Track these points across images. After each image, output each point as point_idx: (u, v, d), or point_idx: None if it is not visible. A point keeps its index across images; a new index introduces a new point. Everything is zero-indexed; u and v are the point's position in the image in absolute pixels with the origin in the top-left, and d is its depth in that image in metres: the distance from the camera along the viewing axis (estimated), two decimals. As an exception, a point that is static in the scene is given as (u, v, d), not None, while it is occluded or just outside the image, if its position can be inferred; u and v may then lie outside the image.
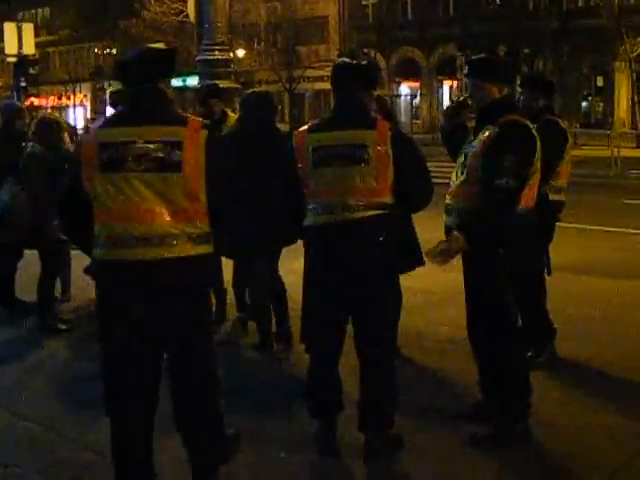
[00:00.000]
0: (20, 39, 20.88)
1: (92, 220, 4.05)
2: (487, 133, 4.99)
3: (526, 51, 40.81)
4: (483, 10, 45.13)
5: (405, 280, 5.40)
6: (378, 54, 49.96)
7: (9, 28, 21.08)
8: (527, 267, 5.41)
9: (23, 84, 21.89)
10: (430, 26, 47.61)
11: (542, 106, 6.57)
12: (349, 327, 5.05)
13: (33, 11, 68.84)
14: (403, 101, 53.65)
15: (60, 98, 68.80)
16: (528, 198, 5.05)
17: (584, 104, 45.85)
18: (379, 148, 4.72)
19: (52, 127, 7.95)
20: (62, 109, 67.19)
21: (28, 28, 21.60)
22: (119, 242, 3.96)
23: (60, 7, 66.73)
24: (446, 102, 51.89)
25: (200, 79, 13.51)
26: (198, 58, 13.28)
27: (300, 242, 5.29)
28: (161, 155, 3.93)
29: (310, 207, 4.88)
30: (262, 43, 53.97)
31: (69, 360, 7.24)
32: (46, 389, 6.45)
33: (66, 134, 9.05)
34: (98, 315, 4.24)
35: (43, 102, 68.30)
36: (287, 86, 52.02)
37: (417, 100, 53.04)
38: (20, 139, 8.05)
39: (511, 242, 5.02)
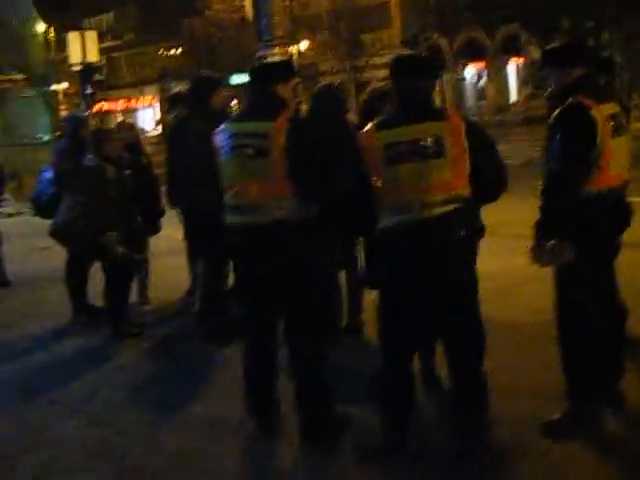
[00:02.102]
0: (84, 47, 21.20)
1: None
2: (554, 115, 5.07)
3: (590, 25, 39.95)
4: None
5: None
6: (441, 37, 49.56)
7: (73, 37, 21.38)
8: (602, 249, 5.29)
9: (89, 91, 22.21)
10: (492, 5, 46.95)
11: (603, 84, 6.44)
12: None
13: (97, 17, 69.58)
14: (468, 83, 53.19)
15: (129, 101, 69.55)
16: (603, 179, 4.98)
17: (654, 76, 44.80)
18: (455, 140, 4.62)
19: (106, 137, 7.98)
20: (131, 112, 67.92)
21: (91, 36, 21.92)
22: (234, 210, 5.22)
23: (123, 12, 67.33)
24: (512, 81, 51.36)
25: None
26: (258, 54, 13.29)
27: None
28: (255, 143, 5.06)
29: (383, 208, 4.72)
30: (325, 33, 53.82)
31: (143, 364, 7.34)
32: (120, 394, 6.53)
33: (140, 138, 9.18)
34: None
35: (112, 106, 69.18)
36: (352, 75, 51.87)
37: (483, 81, 52.48)
38: (82, 150, 8.08)
39: (589, 227, 5.00)
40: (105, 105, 66.28)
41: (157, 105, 67.73)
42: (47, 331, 8.49)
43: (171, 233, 9.07)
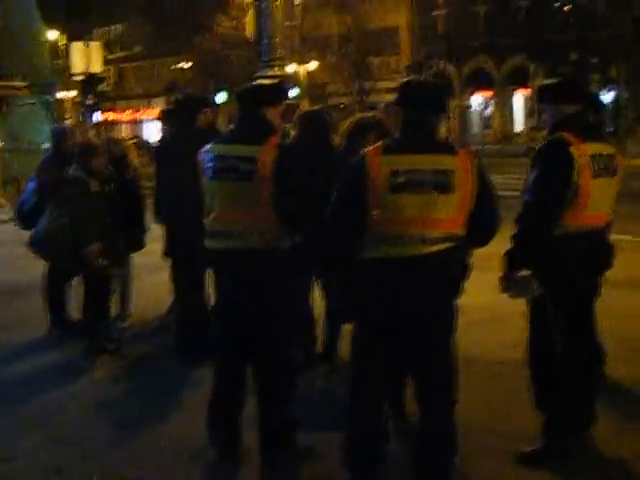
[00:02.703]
0: (88, 57, 21.16)
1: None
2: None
3: (594, 60, 40.02)
4: (554, 18, 44.45)
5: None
6: (449, 65, 49.69)
7: (77, 47, 21.37)
8: (576, 289, 5.20)
9: (90, 102, 22.14)
10: (501, 35, 47.12)
11: (593, 123, 6.38)
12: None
13: (107, 28, 69.81)
14: (474, 112, 53.27)
15: (136, 113, 69.65)
16: (579, 218, 4.95)
17: (661, 113, 44.90)
18: (465, 176, 4.34)
19: (92, 152, 7.90)
20: (137, 124, 68.05)
21: (96, 46, 21.91)
22: (214, 235, 5.13)
23: (134, 23, 67.51)
24: (519, 111, 51.43)
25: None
26: (257, 74, 13.25)
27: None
28: (240, 167, 4.98)
29: (375, 237, 4.37)
30: (334, 55, 53.97)
31: (115, 382, 7.23)
32: (87, 411, 6.45)
33: (132, 153, 9.13)
34: None
35: (119, 117, 69.31)
36: (359, 98, 51.97)
37: (489, 110, 52.59)
38: (65, 162, 8.02)
39: (560, 264, 4.98)
40: (111, 116, 66.47)
41: (163, 118, 67.75)
42: (22, 342, 8.40)
43: (157, 249, 8.99)
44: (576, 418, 5.16)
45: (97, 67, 21.66)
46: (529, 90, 48.04)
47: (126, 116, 70.23)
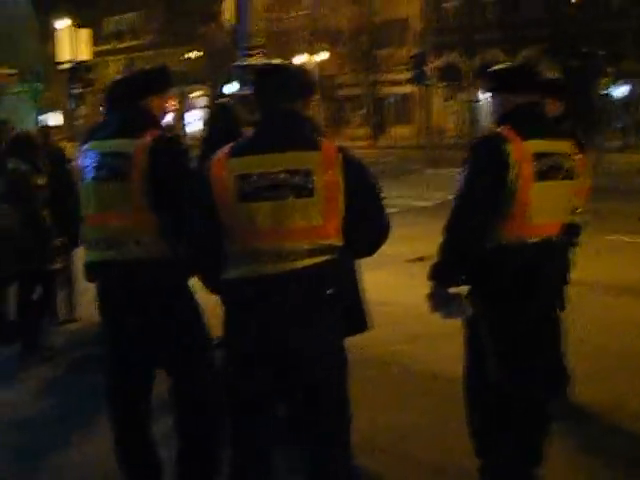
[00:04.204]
0: (75, 45, 20.24)
1: None
2: None
3: (601, 52, 39.29)
4: (566, 11, 43.75)
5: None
6: (459, 57, 49.15)
7: (63, 33, 20.40)
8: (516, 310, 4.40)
9: (76, 91, 21.12)
10: (513, 28, 46.49)
11: (559, 115, 5.74)
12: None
13: (117, 17, 69.48)
14: (484, 105, 52.65)
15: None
16: (518, 230, 4.25)
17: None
18: (328, 175, 3.65)
19: (30, 144, 7.57)
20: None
21: (84, 33, 20.88)
22: (90, 244, 4.50)
23: (145, 13, 67.21)
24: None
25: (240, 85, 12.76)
26: (234, 64, 12.60)
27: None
28: (112, 165, 4.34)
29: (231, 255, 3.73)
30: (345, 46, 53.60)
31: (38, 398, 6.73)
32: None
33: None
34: None
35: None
36: (368, 90, 51.71)
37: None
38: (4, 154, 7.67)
39: (492, 281, 4.28)
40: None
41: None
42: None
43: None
44: (519, 461, 4.44)
45: (85, 54, 20.66)
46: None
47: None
